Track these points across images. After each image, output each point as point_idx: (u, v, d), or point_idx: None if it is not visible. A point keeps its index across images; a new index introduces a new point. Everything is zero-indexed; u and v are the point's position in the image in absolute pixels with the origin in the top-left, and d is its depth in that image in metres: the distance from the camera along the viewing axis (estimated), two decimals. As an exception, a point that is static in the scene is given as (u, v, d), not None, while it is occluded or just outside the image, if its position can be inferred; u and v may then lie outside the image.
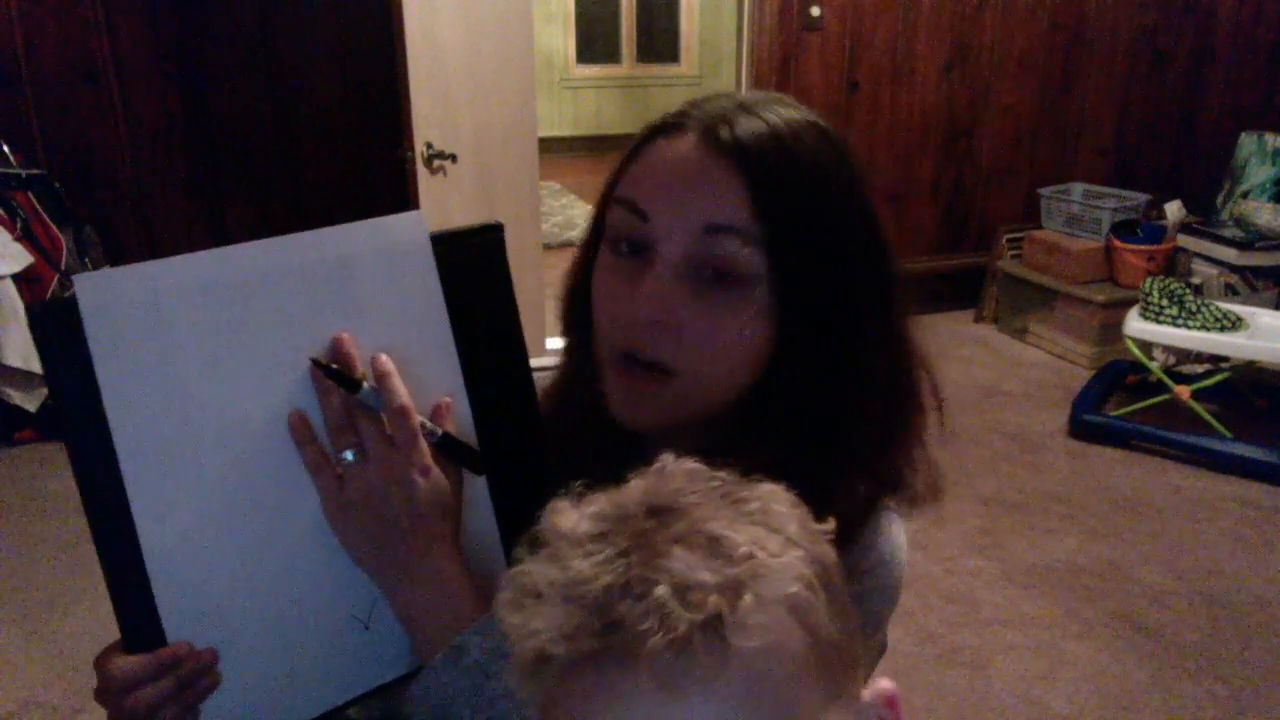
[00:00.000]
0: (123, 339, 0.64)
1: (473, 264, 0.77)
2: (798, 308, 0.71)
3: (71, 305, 0.63)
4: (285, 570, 0.70)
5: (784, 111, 0.73)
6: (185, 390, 0.65)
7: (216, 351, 0.66)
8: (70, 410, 0.64)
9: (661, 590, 0.42)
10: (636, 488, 0.49)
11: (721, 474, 0.50)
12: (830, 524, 0.50)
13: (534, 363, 0.78)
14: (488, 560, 0.77)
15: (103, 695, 0.68)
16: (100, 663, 0.69)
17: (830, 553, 0.49)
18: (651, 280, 0.70)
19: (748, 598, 0.43)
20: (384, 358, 0.69)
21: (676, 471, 0.50)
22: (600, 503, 0.49)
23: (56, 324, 0.63)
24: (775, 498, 0.49)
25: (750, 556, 0.44)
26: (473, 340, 0.76)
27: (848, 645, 0.48)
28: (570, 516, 0.48)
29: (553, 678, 0.44)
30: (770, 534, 0.46)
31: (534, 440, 0.80)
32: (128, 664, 0.66)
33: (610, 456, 0.76)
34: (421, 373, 0.74)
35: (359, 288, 0.71)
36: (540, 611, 0.45)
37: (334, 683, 0.72)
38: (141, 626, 0.66)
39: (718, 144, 0.70)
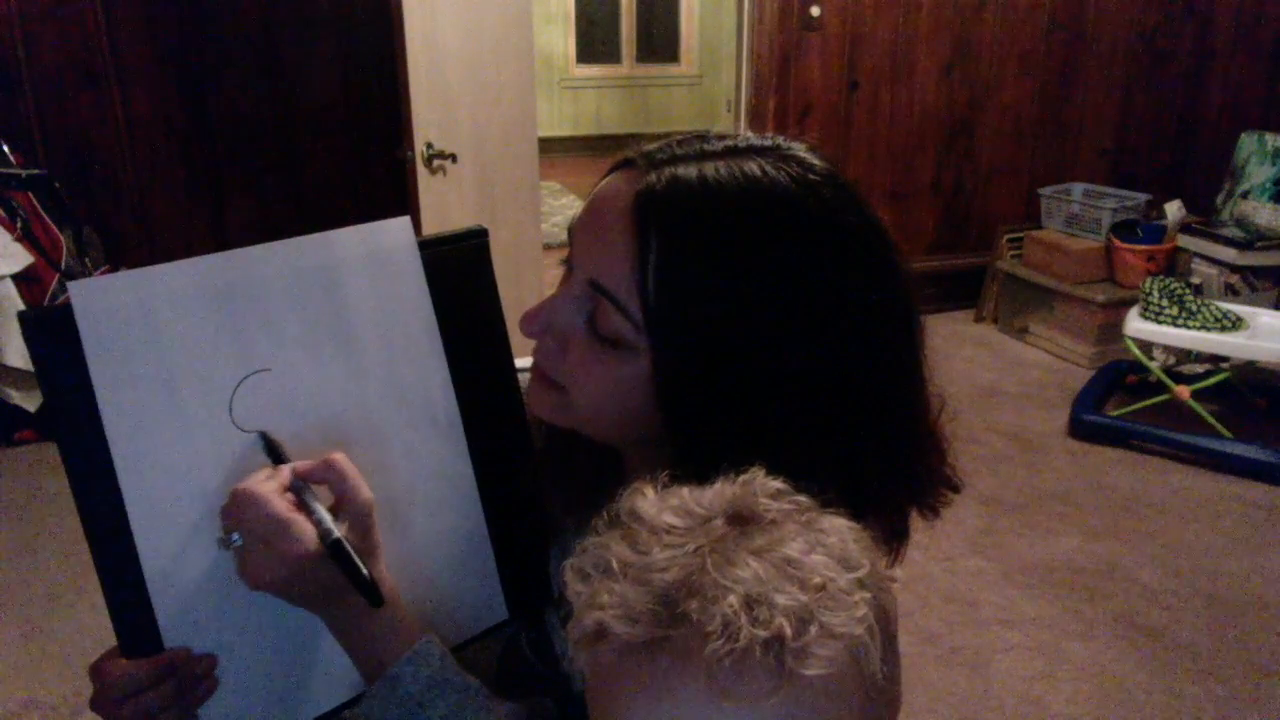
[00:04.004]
0: (118, 345, 0.63)
1: (458, 268, 0.77)
2: (685, 398, 0.64)
3: (66, 312, 0.62)
4: None
5: (741, 170, 0.64)
6: (180, 396, 0.65)
7: (210, 357, 0.66)
8: (66, 416, 0.63)
9: (732, 599, 0.43)
10: (721, 493, 0.50)
11: (803, 498, 0.50)
12: (898, 572, 0.51)
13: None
14: (475, 560, 0.78)
15: (100, 702, 0.68)
16: (97, 670, 0.68)
17: (892, 601, 0.49)
18: (550, 301, 0.70)
19: (813, 628, 0.43)
20: (339, 457, 0.68)
21: (762, 486, 0.50)
22: (683, 498, 0.49)
23: (51, 330, 0.63)
24: (852, 535, 0.49)
25: (822, 588, 0.44)
26: (460, 342, 0.76)
27: (892, 692, 0.48)
28: (652, 505, 0.49)
29: (608, 652, 0.45)
30: (844, 571, 0.46)
31: (520, 438, 0.80)
32: (128, 670, 0.66)
33: (591, 457, 0.77)
34: (410, 374, 0.74)
35: (347, 292, 0.71)
36: (609, 587, 0.45)
37: (330, 686, 0.72)
38: (139, 632, 0.66)
39: (634, 199, 0.64)
